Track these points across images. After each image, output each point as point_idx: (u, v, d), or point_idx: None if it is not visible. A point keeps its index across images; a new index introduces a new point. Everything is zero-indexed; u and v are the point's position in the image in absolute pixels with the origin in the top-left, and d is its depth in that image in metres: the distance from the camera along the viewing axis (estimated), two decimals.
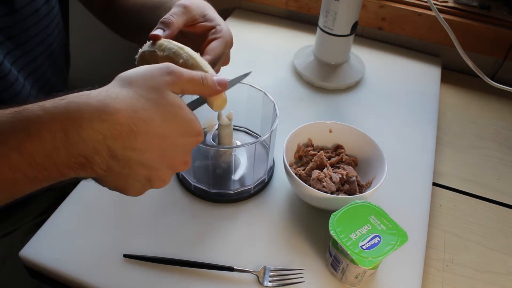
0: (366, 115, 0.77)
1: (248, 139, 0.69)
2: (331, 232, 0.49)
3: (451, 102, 0.85)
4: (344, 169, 0.61)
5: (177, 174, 0.64)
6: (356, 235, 0.49)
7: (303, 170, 0.62)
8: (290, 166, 0.60)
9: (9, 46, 0.59)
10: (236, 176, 0.63)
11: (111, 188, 0.41)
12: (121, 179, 0.40)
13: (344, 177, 0.60)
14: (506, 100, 0.86)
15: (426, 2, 0.89)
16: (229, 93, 0.62)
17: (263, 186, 0.63)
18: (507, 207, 0.67)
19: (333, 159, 0.63)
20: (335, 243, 0.50)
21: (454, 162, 0.73)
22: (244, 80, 0.63)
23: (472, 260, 0.59)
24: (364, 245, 0.48)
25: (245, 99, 0.64)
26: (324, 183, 0.58)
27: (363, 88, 0.84)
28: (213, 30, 0.55)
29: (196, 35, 0.57)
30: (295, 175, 0.57)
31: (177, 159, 0.42)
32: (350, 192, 0.59)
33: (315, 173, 0.60)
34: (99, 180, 0.40)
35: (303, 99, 0.80)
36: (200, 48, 0.54)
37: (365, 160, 0.63)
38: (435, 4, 0.87)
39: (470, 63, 0.73)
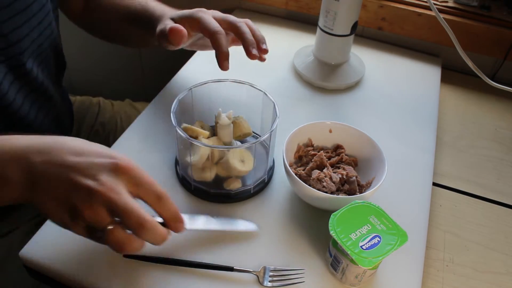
0: (366, 115, 0.77)
1: (248, 139, 0.69)
2: (331, 232, 0.49)
3: (451, 102, 0.85)
4: (344, 169, 0.61)
5: (177, 174, 0.64)
6: (356, 235, 0.49)
7: (303, 170, 0.62)
8: (290, 166, 0.60)
9: None
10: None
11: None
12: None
13: (344, 177, 0.60)
14: (506, 100, 0.86)
15: (426, 2, 0.89)
16: (229, 92, 0.63)
17: (263, 186, 0.63)
18: (507, 207, 0.67)
19: (333, 159, 0.63)
20: (335, 243, 0.50)
21: (454, 162, 0.73)
22: (244, 80, 0.63)
23: (472, 260, 0.59)
24: (364, 245, 0.48)
25: (245, 99, 0.64)
26: (324, 183, 0.58)
27: (363, 88, 0.84)
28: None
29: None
30: (295, 175, 0.57)
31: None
32: (350, 192, 0.59)
33: (315, 173, 0.60)
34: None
35: (303, 99, 0.80)
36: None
37: (365, 160, 0.63)
38: (435, 4, 0.87)
39: (470, 63, 0.73)
